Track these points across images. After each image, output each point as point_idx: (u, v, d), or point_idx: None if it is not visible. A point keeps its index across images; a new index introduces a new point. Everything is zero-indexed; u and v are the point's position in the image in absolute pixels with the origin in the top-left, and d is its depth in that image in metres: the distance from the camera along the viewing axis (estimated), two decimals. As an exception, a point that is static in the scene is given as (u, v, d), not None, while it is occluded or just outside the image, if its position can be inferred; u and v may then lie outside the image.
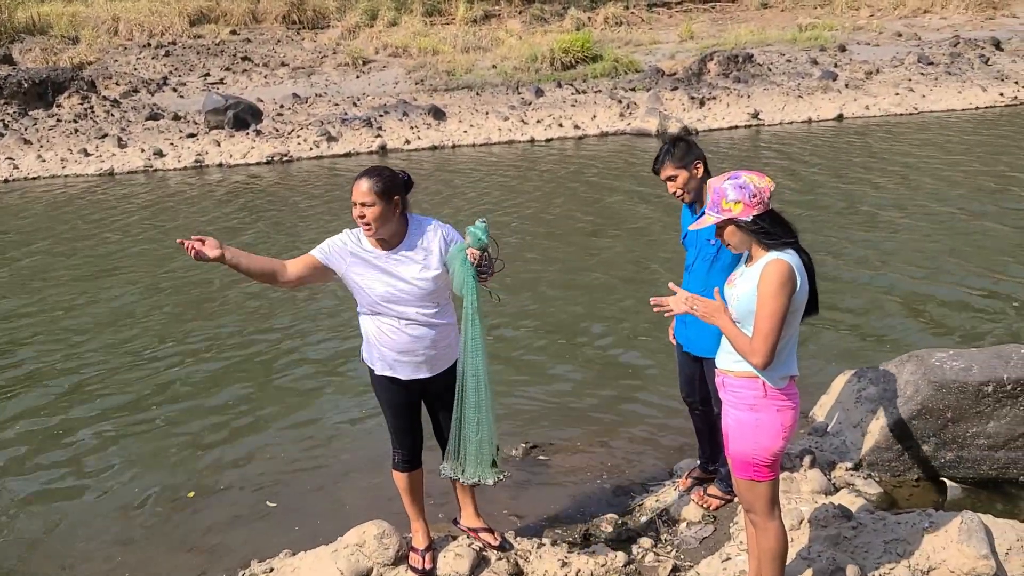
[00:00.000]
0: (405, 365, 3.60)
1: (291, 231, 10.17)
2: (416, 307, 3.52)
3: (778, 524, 3.23)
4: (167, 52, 21.73)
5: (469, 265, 3.40)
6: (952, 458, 4.48)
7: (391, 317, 3.54)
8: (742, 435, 3.14)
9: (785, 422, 3.10)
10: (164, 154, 14.38)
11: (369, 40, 22.87)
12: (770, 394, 3.08)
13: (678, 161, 3.89)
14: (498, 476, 3.67)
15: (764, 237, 3.02)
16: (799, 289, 3.00)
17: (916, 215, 9.67)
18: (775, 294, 2.95)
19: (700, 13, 26.57)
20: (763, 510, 3.20)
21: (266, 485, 4.97)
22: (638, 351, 6.53)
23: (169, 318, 7.62)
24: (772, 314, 2.96)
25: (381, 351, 3.60)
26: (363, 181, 3.41)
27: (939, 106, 16.30)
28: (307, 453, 5.31)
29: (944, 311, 7.01)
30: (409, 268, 3.50)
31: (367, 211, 3.39)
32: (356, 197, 3.40)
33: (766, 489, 3.17)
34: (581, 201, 11.07)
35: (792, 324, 3.05)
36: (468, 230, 3.44)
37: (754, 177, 3.04)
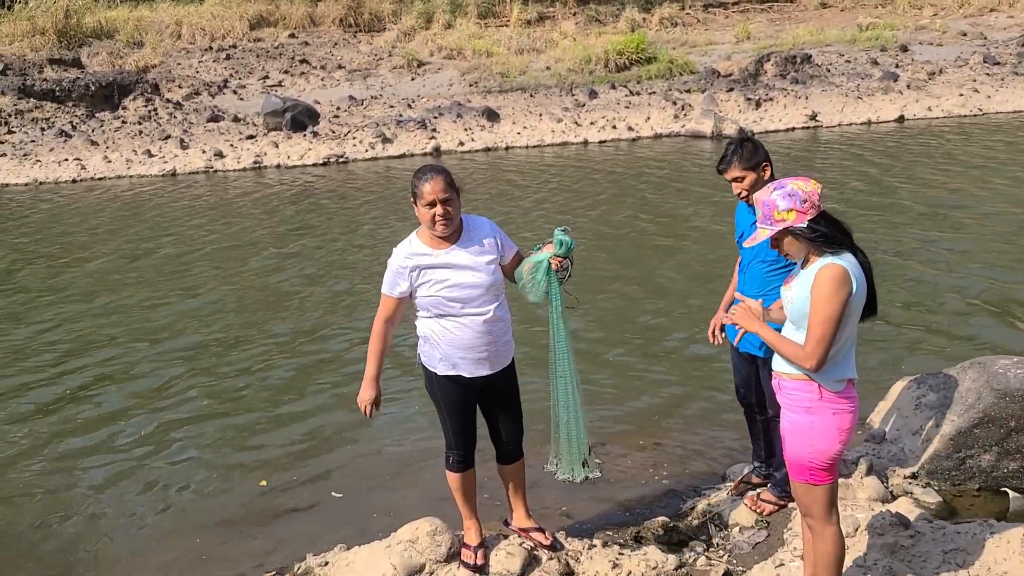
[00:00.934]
0: (468, 362, 3.65)
1: (347, 231, 10.32)
2: (478, 301, 3.58)
3: (836, 529, 3.19)
4: (227, 55, 22.22)
5: (554, 274, 3.55)
6: (1015, 468, 4.36)
7: (454, 314, 3.59)
8: (798, 438, 3.11)
9: (842, 425, 3.07)
10: (224, 155, 14.71)
11: (424, 42, 23.08)
12: (826, 397, 3.05)
13: (746, 162, 3.84)
14: (588, 474, 3.87)
15: (822, 241, 2.99)
16: (855, 292, 2.97)
17: (985, 217, 9.42)
18: (829, 298, 2.92)
19: (757, 13, 26.23)
20: (821, 514, 3.16)
21: (331, 478, 5.08)
22: (696, 352, 6.49)
23: (243, 316, 7.80)
24: (827, 319, 2.93)
25: (444, 350, 3.64)
26: (439, 178, 3.49)
27: (1006, 107, 15.85)
28: (364, 449, 5.40)
29: (1012, 316, 6.82)
30: (469, 260, 3.57)
31: (450, 206, 3.49)
32: (435, 194, 3.46)
33: (823, 493, 3.14)
34: (637, 202, 11.03)
35: (848, 327, 3.01)
36: (555, 236, 3.57)
37: (800, 183, 3.01)
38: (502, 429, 3.86)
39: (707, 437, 5.29)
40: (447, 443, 3.85)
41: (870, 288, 3.05)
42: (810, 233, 2.98)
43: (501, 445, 3.90)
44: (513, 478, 3.98)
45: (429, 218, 3.50)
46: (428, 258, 3.57)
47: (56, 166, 14.31)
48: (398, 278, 3.61)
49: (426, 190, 3.47)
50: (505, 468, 3.95)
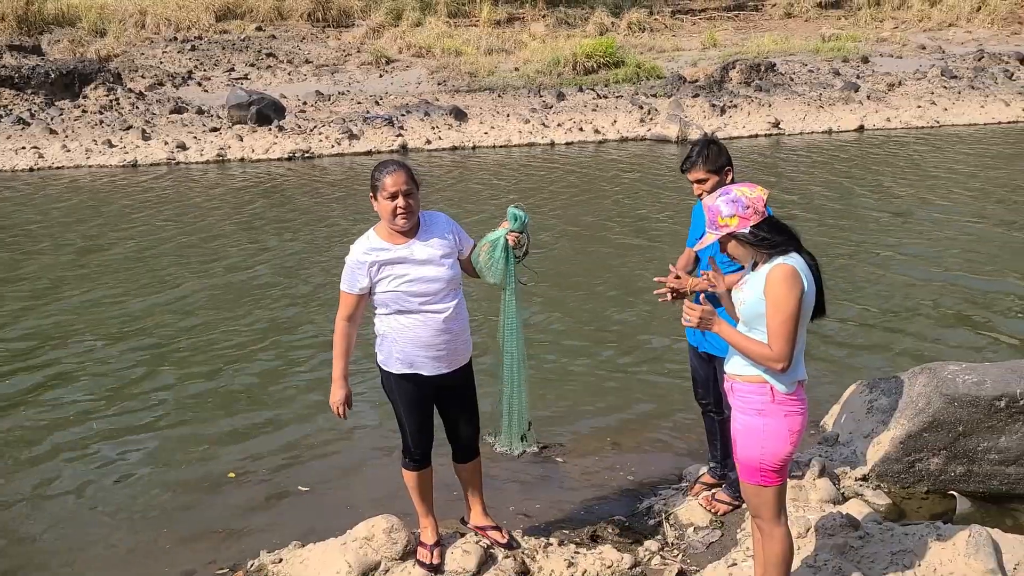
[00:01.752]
0: (426, 360, 3.64)
1: (311, 226, 10.26)
2: (437, 296, 3.58)
3: (784, 530, 3.24)
4: (193, 47, 21.94)
5: (511, 249, 3.60)
6: (962, 472, 4.47)
7: (413, 312, 3.58)
8: (750, 440, 3.15)
9: (793, 427, 3.11)
10: (187, 147, 14.52)
11: (393, 40, 23.00)
12: (778, 399, 3.09)
13: (711, 164, 3.88)
14: (525, 448, 3.96)
15: (764, 246, 3.05)
16: (806, 291, 3.02)
17: (936, 225, 9.62)
18: (786, 297, 2.97)
19: (724, 21, 26.55)
20: (770, 516, 3.21)
21: (299, 472, 5.06)
22: (654, 353, 6.55)
23: (210, 310, 7.69)
24: (788, 318, 2.98)
25: (402, 348, 3.63)
26: (400, 171, 3.52)
27: (961, 120, 16.20)
28: (325, 446, 5.37)
29: (960, 323, 6.98)
30: (428, 255, 3.57)
31: (411, 199, 3.50)
32: (396, 187, 3.47)
33: (773, 495, 3.18)
34: (602, 203, 11.09)
35: (800, 328, 3.06)
36: (509, 212, 3.62)
37: (745, 189, 3.07)
38: (459, 428, 3.87)
39: (664, 437, 5.34)
40: (404, 442, 3.84)
41: (819, 289, 3.11)
42: (752, 238, 3.04)
43: (458, 444, 3.91)
44: (470, 477, 3.99)
45: (390, 211, 3.50)
46: (386, 253, 3.56)
47: (13, 154, 14.01)
48: (357, 274, 3.60)
49: (388, 182, 3.48)
50: (462, 467, 3.96)
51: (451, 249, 3.64)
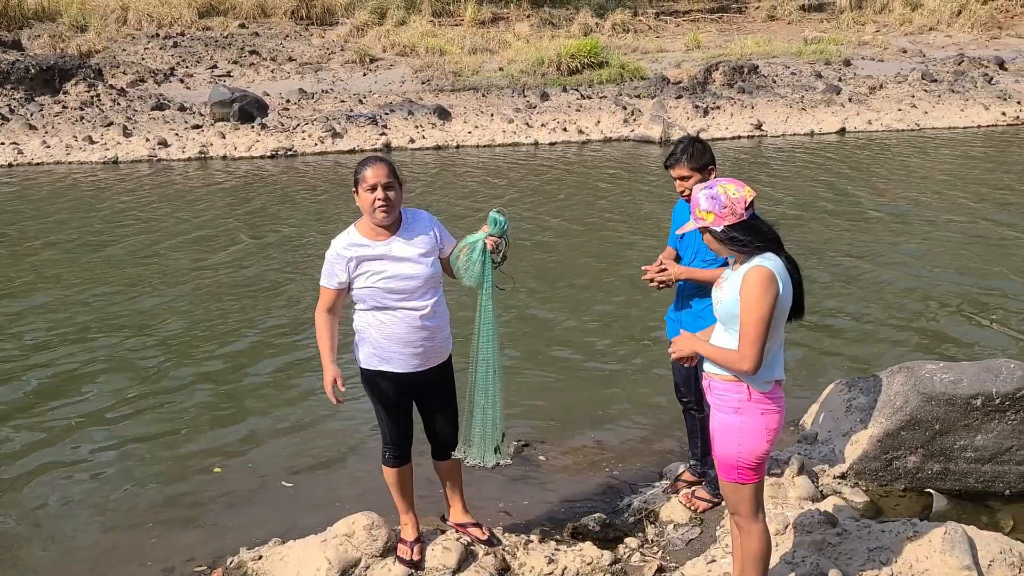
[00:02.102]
0: (403, 357, 3.63)
1: (292, 224, 10.22)
2: (415, 294, 3.57)
3: (762, 527, 3.26)
4: (175, 43, 21.80)
5: (488, 253, 3.55)
6: (939, 470, 4.52)
7: (392, 309, 3.58)
8: (727, 438, 3.17)
9: (769, 425, 3.13)
10: (169, 144, 14.43)
11: (377, 38, 22.95)
12: (754, 398, 3.11)
13: (695, 162, 3.90)
14: (499, 460, 3.78)
15: (735, 246, 3.07)
16: (782, 294, 3.03)
17: (918, 227, 9.71)
18: (759, 299, 2.98)
19: (707, 23, 26.67)
20: (747, 513, 3.23)
21: (277, 470, 5.04)
22: (636, 352, 6.57)
23: (200, 308, 7.65)
24: (759, 320, 2.99)
25: (379, 344, 3.62)
26: (382, 164, 3.51)
27: (941, 123, 16.36)
28: (310, 442, 5.36)
29: (939, 322, 7.05)
30: (407, 252, 3.57)
31: (391, 192, 3.49)
32: (378, 179, 3.47)
33: (750, 492, 3.21)
34: (584, 203, 11.12)
35: (777, 329, 3.08)
36: (490, 216, 3.58)
37: (731, 187, 3.06)
38: (437, 425, 3.86)
39: (646, 435, 5.36)
40: (383, 438, 3.84)
41: (798, 291, 3.12)
42: (722, 236, 3.07)
43: (436, 442, 3.90)
44: (449, 474, 3.99)
45: (370, 203, 3.49)
46: (366, 249, 3.56)
47: (-9, 150, 13.88)
48: (336, 268, 3.59)
49: (368, 174, 3.48)
50: (441, 465, 3.96)
51: (432, 247, 3.63)
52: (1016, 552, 3.76)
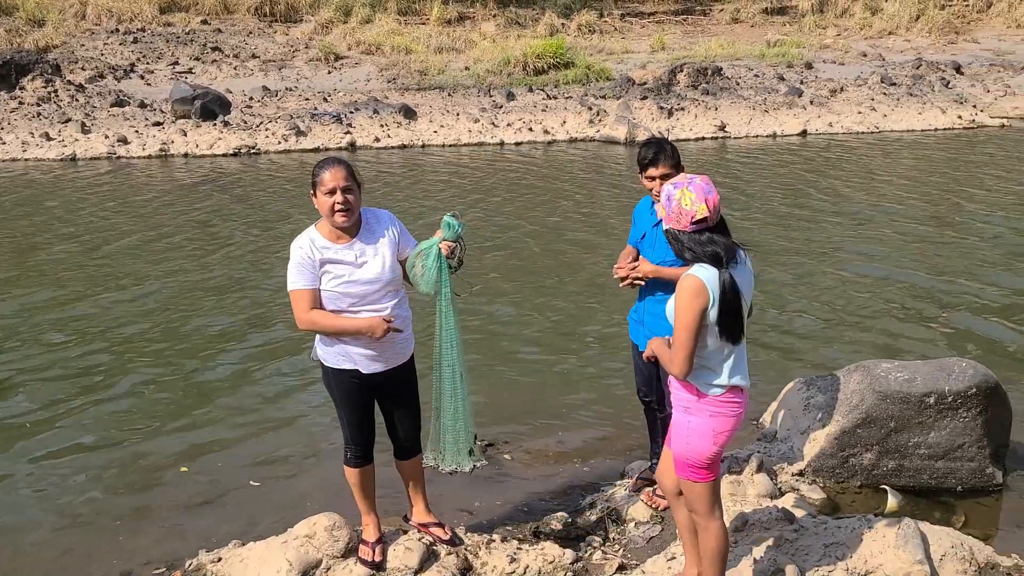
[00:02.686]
0: (364, 358, 3.62)
1: (255, 223, 10.12)
2: (374, 297, 3.55)
3: (719, 524, 3.31)
4: (135, 39, 21.48)
5: (444, 258, 3.49)
6: (893, 466, 4.60)
7: (352, 311, 3.55)
8: (677, 436, 3.25)
9: (719, 428, 3.17)
10: (128, 141, 14.22)
11: (342, 36, 22.81)
12: (703, 400, 3.16)
13: (674, 160, 3.95)
14: (475, 463, 3.81)
15: (673, 248, 3.12)
16: (710, 306, 3.01)
17: (878, 227, 9.87)
18: (685, 308, 3.03)
19: (672, 25, 26.88)
20: (703, 510, 3.28)
21: (244, 470, 5.01)
22: (597, 352, 6.61)
23: (161, 308, 7.54)
24: (683, 327, 3.04)
25: (341, 345, 3.61)
26: (340, 167, 3.47)
27: (899, 126, 16.65)
28: (277, 442, 5.32)
29: (898, 321, 7.17)
30: (369, 256, 3.54)
31: (349, 195, 3.45)
32: (335, 183, 3.42)
33: (705, 490, 3.25)
34: (548, 203, 11.15)
35: (709, 338, 3.07)
36: (444, 221, 3.52)
37: (689, 198, 3.01)
38: (399, 425, 3.85)
39: (608, 435, 5.40)
40: (344, 438, 3.82)
41: (733, 308, 3.05)
42: (666, 235, 3.14)
43: (398, 441, 3.89)
44: (412, 474, 3.99)
45: (328, 207, 3.46)
46: (328, 252, 3.53)
47: (-56, 146, 13.58)
48: (304, 269, 3.53)
49: (326, 177, 3.44)
50: (403, 464, 3.95)
51: (392, 249, 3.60)
52: (967, 546, 3.85)
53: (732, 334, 3.07)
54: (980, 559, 3.83)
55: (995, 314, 7.31)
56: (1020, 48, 23.96)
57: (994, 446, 4.62)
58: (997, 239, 9.46)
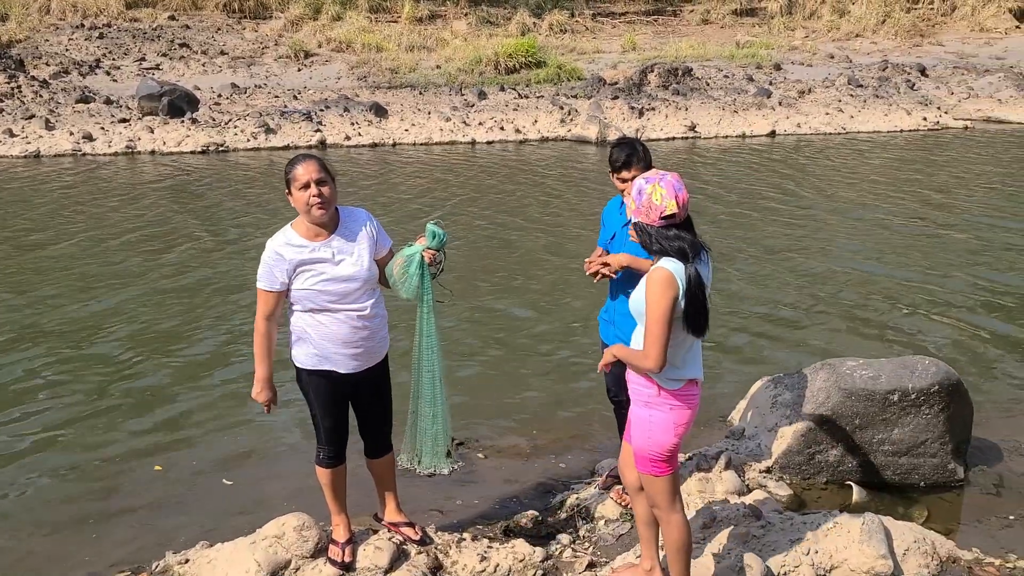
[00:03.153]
0: (342, 357, 3.60)
1: (222, 222, 10.03)
2: (353, 296, 3.54)
3: (680, 517, 3.36)
4: (101, 34, 21.18)
5: (426, 267, 3.51)
6: (858, 463, 4.67)
7: (329, 310, 3.54)
8: (639, 430, 3.31)
9: (679, 420, 3.24)
10: (94, 138, 14.02)
11: (312, 34, 22.65)
12: (663, 394, 3.22)
13: (646, 161, 3.99)
14: (452, 465, 3.82)
15: (640, 240, 3.17)
16: (680, 297, 3.07)
17: (846, 226, 10.00)
18: (658, 299, 3.06)
19: (643, 25, 27.01)
20: (665, 503, 3.34)
21: (217, 469, 4.96)
22: (567, 351, 6.63)
23: (124, 304, 7.46)
24: (657, 319, 3.07)
25: (318, 344, 3.59)
26: (312, 160, 3.47)
27: (866, 127, 16.89)
28: (236, 444, 5.27)
29: (861, 319, 7.28)
30: (346, 253, 3.53)
31: (324, 188, 3.43)
32: (309, 176, 3.42)
33: (666, 483, 3.31)
34: (520, 202, 11.16)
35: (677, 331, 3.13)
36: (428, 229, 3.52)
37: (659, 194, 3.07)
38: (372, 423, 3.84)
39: (578, 433, 5.42)
40: (318, 438, 3.80)
41: (700, 304, 3.11)
42: (633, 227, 3.18)
43: (371, 439, 3.88)
44: (384, 472, 3.98)
45: (304, 202, 3.43)
46: (304, 250, 3.50)
47: (-97, 142, 13.29)
48: (274, 271, 3.51)
49: (299, 172, 3.43)
50: (375, 462, 3.94)
51: (370, 247, 3.59)
52: (929, 541, 3.92)
53: (697, 327, 3.13)
54: (942, 553, 3.91)
55: (958, 312, 7.45)
56: (983, 51, 24.39)
57: (956, 442, 4.71)
58: (961, 239, 9.63)
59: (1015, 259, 8.92)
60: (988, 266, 8.68)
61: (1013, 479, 4.81)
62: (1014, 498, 4.64)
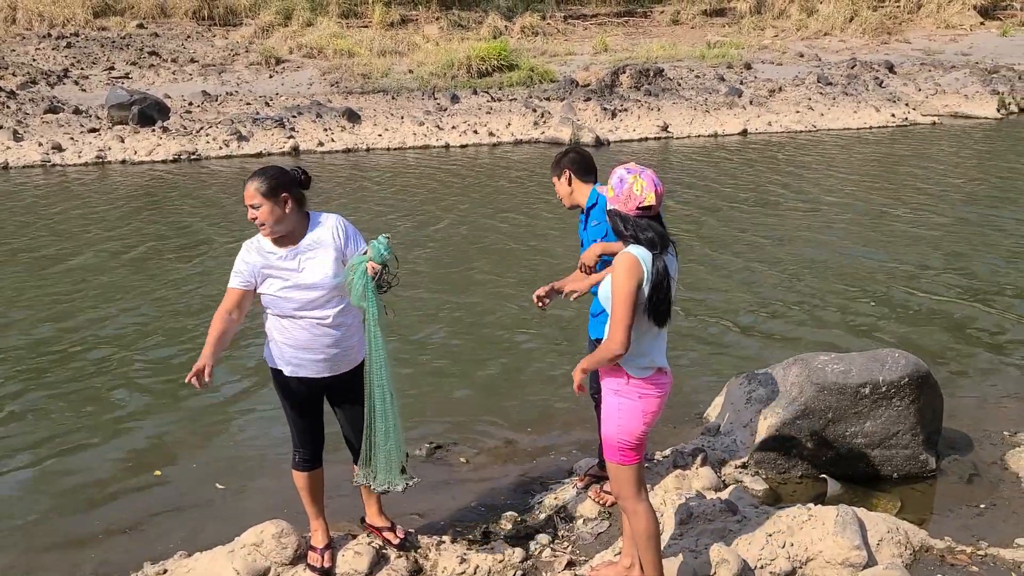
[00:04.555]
0: (309, 364, 3.61)
1: (194, 231, 9.96)
2: (316, 303, 3.55)
3: (646, 506, 3.43)
4: (69, 43, 20.97)
5: (369, 277, 3.43)
6: (832, 456, 4.73)
7: (293, 316, 3.56)
8: (608, 418, 3.38)
9: (647, 408, 3.33)
10: (64, 148, 13.87)
11: (283, 40, 22.55)
12: (632, 382, 3.31)
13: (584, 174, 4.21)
14: (407, 482, 3.71)
15: (615, 228, 3.27)
16: (644, 282, 3.17)
17: (816, 221, 10.12)
18: (622, 282, 3.16)
19: (614, 26, 27.14)
20: (630, 493, 3.40)
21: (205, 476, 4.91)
22: (543, 352, 6.66)
23: (113, 316, 7.39)
24: (621, 301, 3.16)
25: (284, 350, 3.61)
26: (250, 184, 3.50)
27: (836, 124, 17.08)
28: (206, 452, 5.24)
29: (833, 313, 7.36)
30: (311, 263, 3.55)
31: (257, 212, 3.48)
32: (246, 200, 3.50)
33: (631, 473, 3.38)
34: (495, 206, 11.18)
35: (641, 318, 3.22)
36: (371, 244, 3.47)
37: (639, 185, 3.22)
38: (352, 429, 3.84)
39: (555, 433, 5.44)
40: (293, 441, 3.81)
41: (666, 297, 3.22)
42: (609, 214, 3.27)
43: (353, 445, 3.88)
44: (363, 477, 3.97)
45: (250, 219, 3.52)
46: (271, 257, 3.55)
47: None
48: (243, 270, 3.59)
49: (244, 195, 3.51)
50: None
51: (336, 255, 3.56)
52: (902, 531, 3.99)
53: (660, 317, 3.23)
54: (915, 542, 3.97)
55: (927, 303, 7.56)
56: (949, 48, 24.75)
57: (927, 433, 4.78)
58: (929, 233, 9.77)
59: (982, 251, 9.07)
60: (956, 258, 8.83)
61: (983, 468, 4.90)
62: (984, 487, 4.72)
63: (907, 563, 3.86)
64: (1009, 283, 8.10)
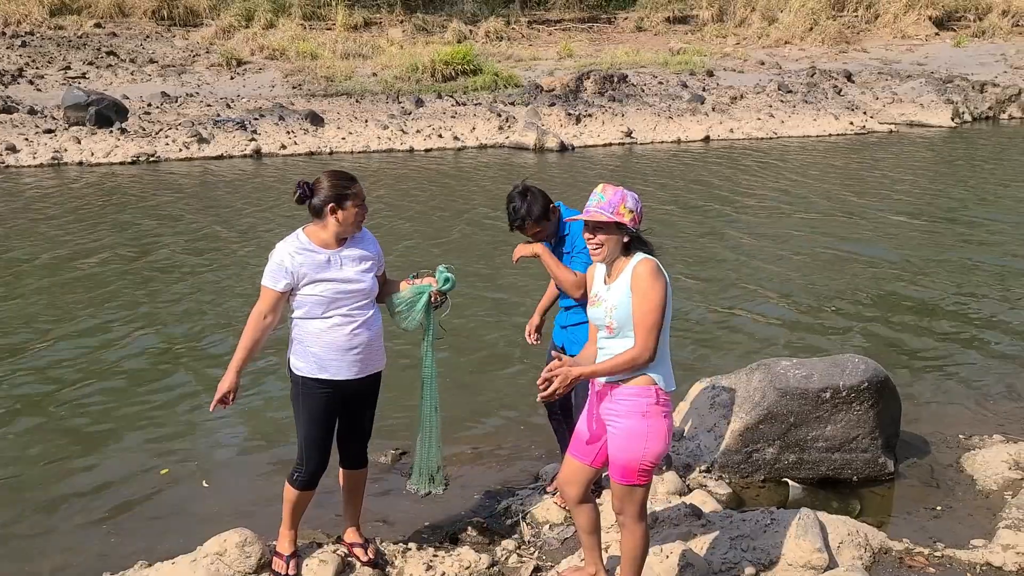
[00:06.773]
0: (341, 365, 3.63)
1: (152, 235, 9.81)
2: (356, 305, 3.63)
3: (645, 527, 3.39)
4: (23, 42, 20.55)
5: (431, 308, 3.78)
6: (794, 460, 4.80)
7: (330, 317, 3.59)
8: (633, 443, 3.20)
9: (670, 426, 3.29)
10: (18, 149, 13.59)
11: (245, 41, 22.33)
12: (660, 400, 3.21)
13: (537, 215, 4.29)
14: (434, 488, 4.04)
15: (639, 245, 3.21)
16: (669, 285, 3.16)
17: (778, 226, 10.26)
18: (652, 286, 3.09)
19: (579, 32, 27.30)
20: (635, 513, 3.33)
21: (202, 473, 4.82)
22: (506, 360, 6.66)
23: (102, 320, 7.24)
24: (654, 308, 3.08)
25: (316, 352, 3.62)
26: (359, 185, 3.69)
27: (796, 132, 17.36)
28: (168, 457, 5.16)
29: (796, 319, 7.48)
30: (354, 263, 3.65)
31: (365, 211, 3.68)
32: (363, 195, 3.68)
33: (643, 493, 3.31)
34: (456, 210, 11.17)
35: (665, 322, 3.16)
36: (439, 273, 3.78)
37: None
38: (357, 434, 3.87)
39: (520, 440, 5.45)
40: (299, 457, 3.75)
41: None
42: (635, 234, 3.20)
43: (353, 450, 3.90)
44: (355, 485, 3.99)
45: (354, 215, 3.60)
46: (314, 256, 3.58)
47: None
48: (281, 272, 3.57)
49: (359, 189, 3.64)
50: (352, 473, 3.96)
51: (374, 262, 3.72)
52: (862, 533, 4.05)
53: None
54: (874, 544, 4.04)
55: (885, 310, 7.70)
56: (905, 57, 25.27)
57: (886, 437, 4.87)
58: (887, 239, 9.96)
59: (939, 258, 9.27)
60: (914, 265, 9.00)
61: (940, 471, 5.00)
62: (941, 490, 4.82)
63: (867, 565, 3.92)
64: (966, 289, 8.29)
